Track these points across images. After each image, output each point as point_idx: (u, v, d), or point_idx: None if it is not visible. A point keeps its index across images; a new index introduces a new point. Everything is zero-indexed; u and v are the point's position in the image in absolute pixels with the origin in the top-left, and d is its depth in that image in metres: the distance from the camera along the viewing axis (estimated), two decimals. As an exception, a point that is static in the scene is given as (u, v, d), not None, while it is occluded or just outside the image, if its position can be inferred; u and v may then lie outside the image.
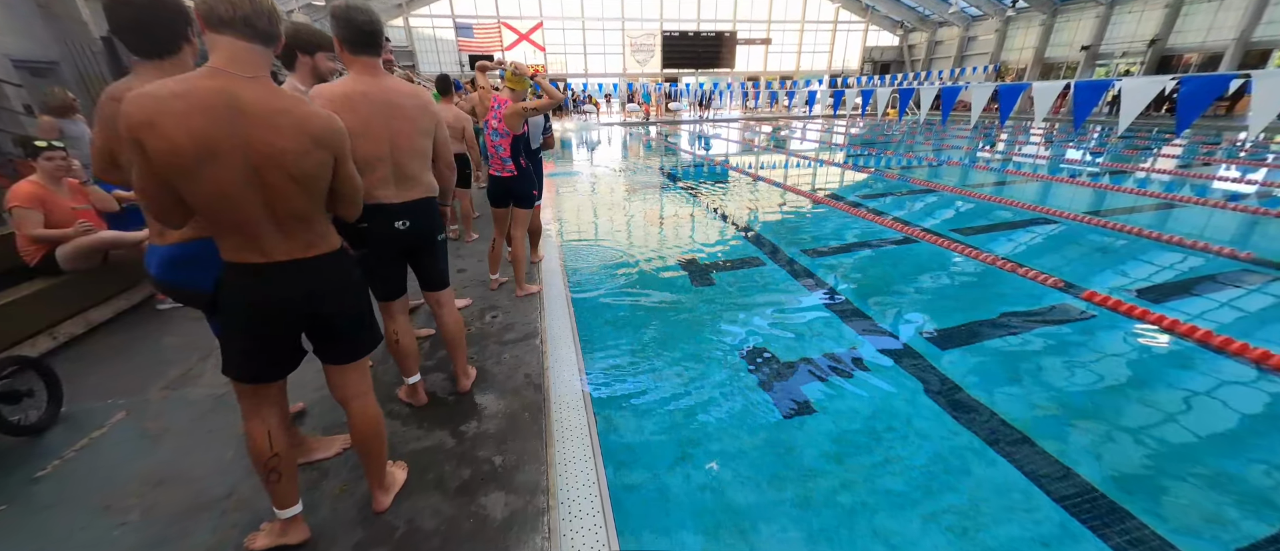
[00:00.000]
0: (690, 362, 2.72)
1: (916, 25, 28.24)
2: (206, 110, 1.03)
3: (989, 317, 3.14)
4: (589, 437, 1.95)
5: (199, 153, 1.03)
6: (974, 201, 6.23)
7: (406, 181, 1.81)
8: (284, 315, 1.26)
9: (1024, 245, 4.55)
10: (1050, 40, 21.79)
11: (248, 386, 1.32)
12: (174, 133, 1.01)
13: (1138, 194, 6.41)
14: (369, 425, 1.49)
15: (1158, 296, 3.39)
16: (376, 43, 1.67)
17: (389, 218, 1.80)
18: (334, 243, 1.32)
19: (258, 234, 1.16)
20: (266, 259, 1.19)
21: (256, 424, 1.34)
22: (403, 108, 1.72)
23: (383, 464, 1.58)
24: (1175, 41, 17.72)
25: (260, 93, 1.09)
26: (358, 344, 1.43)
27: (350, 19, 1.59)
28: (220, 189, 1.08)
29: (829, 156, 10.88)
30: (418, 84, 3.80)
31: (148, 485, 1.75)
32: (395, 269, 1.94)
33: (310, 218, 1.23)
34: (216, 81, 1.06)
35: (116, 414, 2.13)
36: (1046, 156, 9.98)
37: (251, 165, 1.08)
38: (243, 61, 1.09)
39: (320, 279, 1.27)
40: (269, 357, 1.31)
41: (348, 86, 1.65)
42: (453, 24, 24.51)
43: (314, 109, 1.19)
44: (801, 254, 4.41)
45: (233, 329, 1.28)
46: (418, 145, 1.80)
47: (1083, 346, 2.80)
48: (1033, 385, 2.46)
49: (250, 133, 1.07)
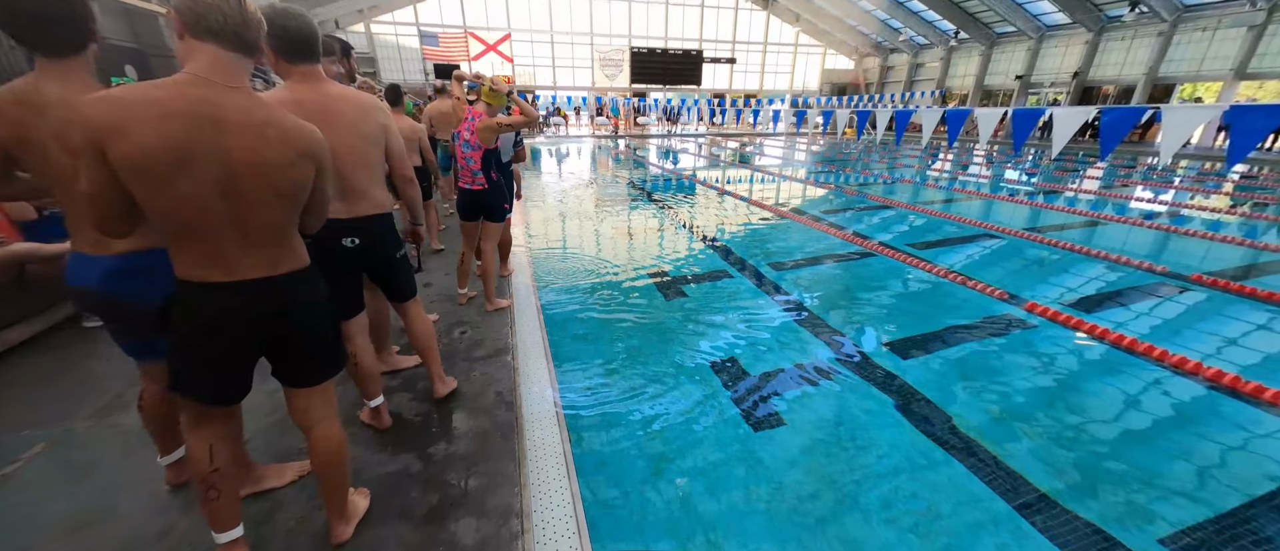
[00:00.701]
0: (662, 376, 2.74)
1: (870, 51, 29.96)
2: (186, 117, 1.00)
3: (943, 328, 3.33)
4: (563, 456, 1.92)
5: (173, 160, 0.99)
6: (926, 217, 6.60)
7: (353, 195, 1.71)
8: (247, 336, 1.20)
9: (972, 259, 4.85)
10: (989, 69, 23.62)
11: (195, 408, 1.26)
12: (148, 139, 0.96)
13: (1068, 212, 6.98)
14: (332, 451, 1.42)
15: (1088, 306, 3.69)
16: (312, 49, 1.57)
17: (335, 234, 1.69)
18: (303, 260, 1.26)
19: (221, 248, 1.10)
20: (229, 276, 1.13)
21: (198, 437, 1.27)
22: (343, 116, 1.63)
23: (344, 492, 1.51)
24: (1095, 74, 19.59)
25: (244, 102, 1.07)
26: (324, 366, 1.37)
27: (282, 26, 1.49)
28: (190, 198, 1.03)
29: (792, 172, 11.29)
30: (377, 92, 3.68)
31: (71, 528, 1.59)
32: (348, 286, 1.83)
33: (282, 232, 1.19)
34: (197, 89, 1.02)
35: (35, 446, 1.92)
36: (988, 176, 10.72)
37: (229, 175, 1.05)
38: (226, 70, 1.06)
39: (289, 297, 1.22)
40: (227, 379, 1.24)
41: (282, 95, 1.56)
42: (417, 32, 24.05)
43: (298, 121, 1.16)
44: (768, 266, 4.53)
45: (187, 349, 1.18)
46: (364, 155, 1.71)
47: (1027, 353, 3.00)
48: (986, 391, 2.62)
49: (232, 142, 1.04)
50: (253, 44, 1.09)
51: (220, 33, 1.03)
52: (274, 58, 1.56)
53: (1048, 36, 20.81)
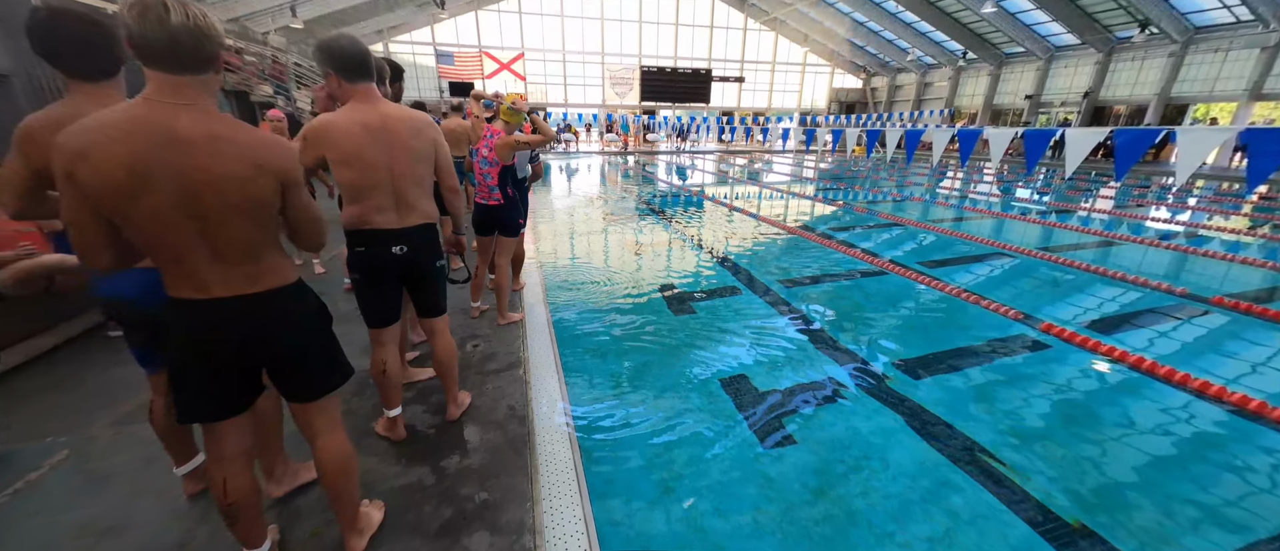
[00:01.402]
0: (671, 392, 2.73)
1: (878, 70, 30.19)
2: (138, 138, 1.00)
3: (956, 347, 3.29)
4: (575, 471, 1.92)
5: (133, 182, 0.99)
6: (937, 235, 6.57)
7: (405, 207, 1.81)
8: (222, 353, 1.18)
9: (985, 278, 4.81)
10: (998, 88, 23.69)
11: (205, 426, 1.26)
12: (106, 162, 0.97)
13: (1083, 231, 6.91)
14: (336, 463, 1.41)
15: (1106, 327, 3.63)
16: (368, 69, 1.69)
17: (386, 243, 1.78)
18: (286, 276, 1.25)
19: (194, 266, 1.10)
20: (204, 294, 1.13)
21: (215, 469, 1.29)
22: (399, 133, 1.73)
23: (354, 505, 1.51)
24: (1106, 94, 19.55)
25: (197, 119, 1.05)
26: (317, 382, 1.35)
27: (338, 49, 1.61)
28: (155, 217, 1.04)
29: (801, 189, 11.32)
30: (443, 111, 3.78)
31: (90, 535, 1.61)
32: (389, 295, 1.91)
33: (257, 249, 1.16)
34: (149, 110, 1.02)
35: (57, 454, 1.96)
36: (1000, 195, 10.67)
37: (188, 192, 1.04)
38: (176, 90, 1.04)
39: (267, 315, 1.20)
40: (211, 397, 1.22)
41: (343, 116, 1.67)
42: (433, 51, 24.69)
43: (261, 135, 1.14)
44: (778, 283, 4.53)
45: (178, 368, 1.19)
46: (416, 170, 1.80)
47: (1043, 375, 2.96)
48: (1001, 412, 2.57)
49: (186, 160, 1.03)
50: (196, 61, 1.04)
51: (157, 58, 1.01)
52: (336, 80, 1.66)
53: (1057, 57, 20.87)
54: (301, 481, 1.79)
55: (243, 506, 1.31)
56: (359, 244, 1.77)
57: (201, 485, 1.73)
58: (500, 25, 25.50)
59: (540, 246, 5.75)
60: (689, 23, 28.15)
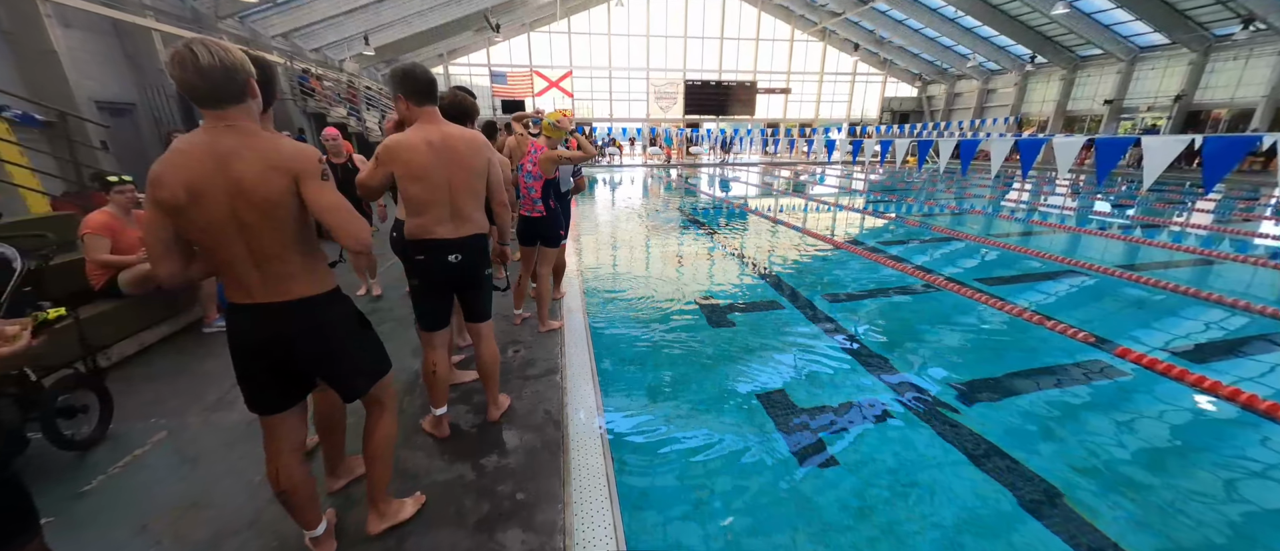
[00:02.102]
0: (707, 404, 2.72)
1: (935, 78, 28.80)
2: (195, 159, 1.17)
3: (1018, 371, 3.06)
4: (606, 478, 1.95)
5: (188, 195, 1.15)
6: (998, 250, 6.15)
7: (461, 219, 1.96)
8: (262, 356, 1.32)
9: (1051, 297, 4.45)
10: (1072, 94, 21.91)
11: (263, 419, 1.41)
12: (172, 183, 1.15)
13: (1171, 248, 6.25)
14: (374, 442, 1.57)
15: (1198, 356, 3.26)
16: (433, 94, 1.88)
17: (443, 252, 1.94)
18: (318, 286, 1.34)
19: (243, 274, 1.25)
20: (251, 299, 1.28)
21: (270, 457, 1.44)
22: (459, 152, 1.89)
23: (381, 486, 1.63)
24: (1202, 97, 17.61)
25: (235, 138, 1.20)
26: (352, 386, 1.48)
27: (411, 76, 1.82)
28: (208, 227, 1.19)
29: (849, 202, 10.95)
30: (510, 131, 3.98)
31: (181, 507, 1.82)
32: (443, 301, 2.08)
33: (284, 256, 1.26)
34: (203, 137, 1.20)
35: (157, 434, 2.23)
36: (1073, 207, 9.84)
37: (231, 203, 1.18)
38: (220, 119, 1.20)
39: (297, 324, 1.31)
40: (264, 393, 1.38)
41: (411, 135, 1.84)
42: (488, 72, 26.10)
43: (279, 141, 1.25)
44: (821, 298, 4.40)
45: (236, 365, 1.36)
46: (472, 185, 1.96)
47: (1119, 406, 2.69)
48: (1069, 445, 2.37)
49: (226, 173, 1.18)
50: (230, 94, 1.18)
51: (201, 98, 1.18)
52: (405, 103, 1.84)
53: (1141, 58, 19.07)
54: (358, 475, 1.92)
55: (294, 493, 1.45)
56: (419, 252, 1.93)
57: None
58: (550, 45, 26.60)
59: (582, 257, 5.90)
60: (734, 36, 28.14)
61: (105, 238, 3.00)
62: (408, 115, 1.88)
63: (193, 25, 11.51)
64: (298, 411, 1.45)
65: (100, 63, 9.40)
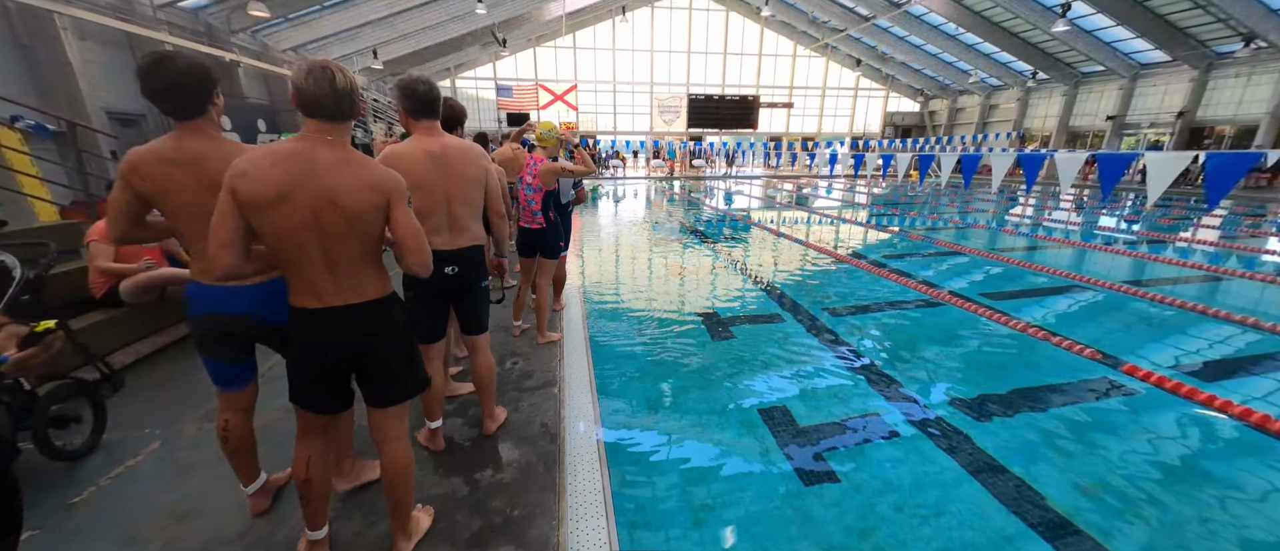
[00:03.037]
0: (707, 419, 2.68)
1: (937, 93, 29.00)
2: (286, 164, 1.25)
3: (1023, 387, 3.01)
4: (603, 494, 1.91)
5: (274, 195, 1.23)
6: (1002, 265, 6.11)
7: (457, 230, 1.96)
8: (330, 355, 1.38)
9: (1057, 313, 4.40)
10: (1074, 110, 21.99)
11: (300, 412, 1.47)
12: (259, 180, 1.23)
13: (1178, 264, 6.19)
14: (399, 469, 1.54)
15: (1208, 374, 3.20)
16: (434, 109, 1.89)
17: (439, 263, 1.91)
18: (384, 290, 1.43)
19: (314, 277, 1.32)
20: (320, 303, 1.34)
21: (302, 448, 1.49)
22: (456, 162, 1.91)
23: (408, 509, 1.61)
24: (1205, 113, 17.65)
25: (333, 152, 1.30)
26: (397, 389, 1.51)
27: (413, 90, 1.85)
28: (287, 229, 1.26)
29: (851, 215, 10.95)
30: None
31: (172, 518, 1.79)
32: (439, 313, 2.07)
33: (361, 264, 1.35)
34: (301, 146, 1.29)
35: (151, 444, 2.21)
36: (1078, 223, 9.80)
37: (315, 209, 1.26)
38: (324, 132, 1.30)
39: (365, 324, 1.39)
40: (321, 392, 1.45)
41: (412, 146, 1.86)
42: (495, 86, 26.48)
43: (378, 166, 1.37)
44: (824, 312, 4.37)
45: (294, 363, 1.42)
46: (469, 196, 1.97)
47: (1127, 425, 2.64)
48: (1077, 464, 2.31)
49: (317, 181, 1.26)
50: (344, 113, 1.31)
51: (317, 110, 1.28)
52: (404, 116, 1.89)
53: (1143, 75, 19.17)
54: (365, 479, 1.92)
55: (316, 484, 1.49)
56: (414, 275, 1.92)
57: (268, 502, 1.83)
58: (556, 60, 27.00)
59: (584, 268, 5.90)
60: (737, 52, 28.50)
61: (109, 246, 3.01)
62: (408, 127, 1.91)
63: (206, 38, 11.76)
64: (338, 416, 1.53)
65: (113, 74, 9.61)
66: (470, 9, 15.80)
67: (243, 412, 1.71)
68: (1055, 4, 16.01)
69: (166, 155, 1.44)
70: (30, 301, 2.12)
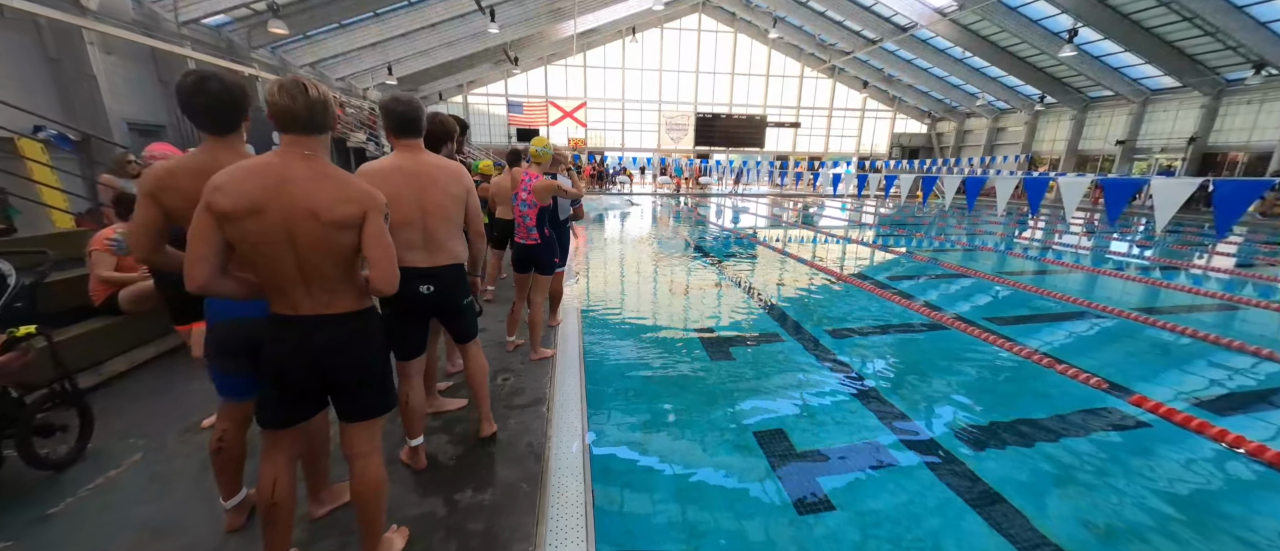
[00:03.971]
0: (701, 441, 2.62)
1: (944, 115, 29.09)
2: (259, 178, 1.26)
3: (1029, 417, 2.92)
4: (585, 519, 1.86)
5: (247, 207, 1.24)
6: (1008, 289, 6.01)
7: (434, 247, 1.95)
8: (297, 363, 1.36)
9: (1064, 339, 4.30)
10: (1083, 133, 21.92)
11: (267, 432, 1.43)
12: (233, 193, 1.24)
13: (1190, 291, 6.05)
14: (368, 487, 1.51)
15: (1221, 407, 3.09)
16: (413, 127, 1.91)
17: (414, 281, 1.91)
18: (359, 304, 1.42)
19: (288, 288, 1.33)
20: (294, 311, 1.34)
21: (267, 468, 1.44)
22: (434, 179, 1.91)
23: (379, 529, 1.57)
24: (1217, 139, 17.50)
25: (308, 165, 1.31)
26: (367, 404, 1.48)
27: (390, 109, 1.89)
28: (262, 241, 1.27)
29: (856, 235, 10.89)
30: (468, 151, 4.16)
31: (146, 533, 1.76)
32: (415, 330, 2.03)
33: (333, 276, 1.36)
34: (275, 158, 1.30)
35: (134, 455, 2.19)
36: (1086, 247, 9.66)
37: (289, 221, 1.27)
38: (299, 145, 1.32)
39: (336, 334, 1.38)
40: (283, 404, 1.41)
41: (388, 162, 1.87)
42: (506, 102, 26.99)
43: (356, 180, 1.39)
44: (825, 333, 4.30)
45: (264, 372, 1.40)
46: (447, 211, 1.96)
47: (1135, 459, 2.54)
48: (1082, 499, 2.22)
49: (291, 193, 1.27)
50: (318, 127, 1.33)
51: (290, 125, 1.30)
52: (388, 133, 1.92)
53: (1153, 100, 19.11)
54: (342, 502, 1.88)
55: (282, 508, 1.44)
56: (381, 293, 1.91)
57: (244, 519, 1.80)
58: (566, 77, 27.51)
59: (588, 284, 5.88)
60: (745, 72, 28.87)
61: (111, 255, 3.05)
62: (391, 144, 1.94)
63: (227, 54, 12.13)
64: (303, 428, 1.49)
65: (135, 87, 9.90)
66: (484, 28, 16.19)
67: (240, 424, 1.71)
68: (1062, 30, 16.12)
69: (200, 169, 1.44)
70: (24, 308, 2.13)
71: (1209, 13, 13.47)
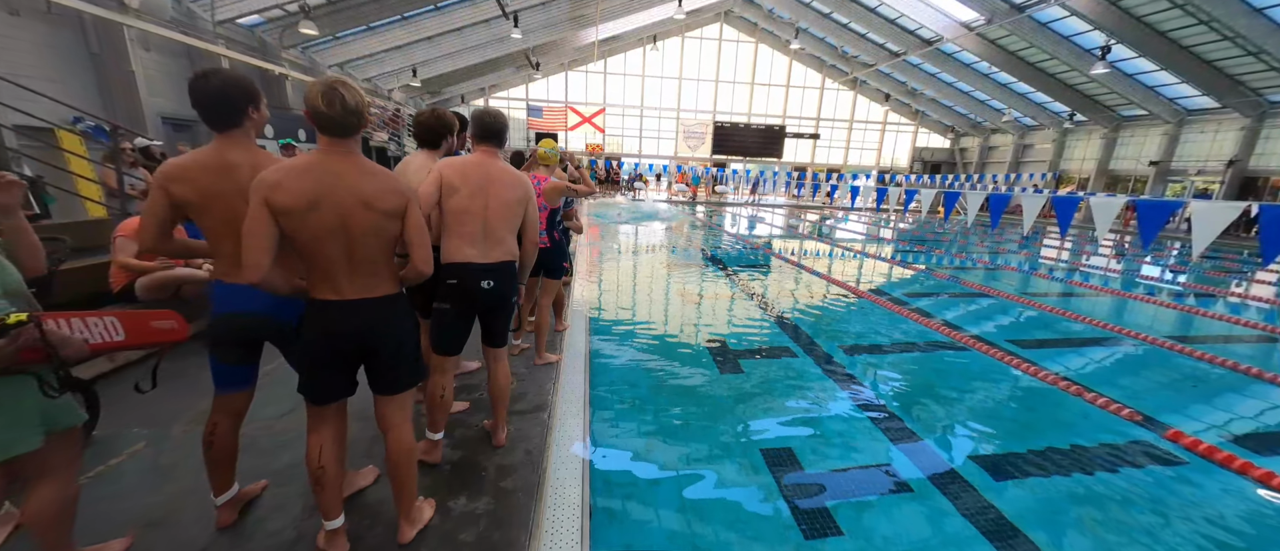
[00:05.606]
0: (706, 457, 2.54)
1: (968, 130, 28.51)
2: (314, 175, 1.40)
3: (1053, 447, 2.77)
4: (581, 533, 1.79)
5: (307, 203, 1.37)
6: (1033, 311, 5.79)
7: (493, 242, 2.07)
8: (344, 343, 1.50)
9: (1092, 365, 4.10)
10: (1114, 153, 21.22)
11: (314, 408, 1.56)
12: (293, 190, 1.36)
13: (1229, 320, 5.74)
14: (403, 452, 1.65)
15: (1264, 446, 2.89)
16: (497, 138, 2.16)
17: (475, 276, 2.02)
18: (394, 287, 1.57)
19: (336, 274, 1.46)
20: (339, 296, 1.47)
21: (314, 439, 1.57)
22: (502, 181, 2.10)
23: (412, 494, 1.71)
24: (1258, 163, 16.77)
25: (352, 163, 1.46)
26: (403, 378, 1.63)
27: (480, 120, 2.16)
28: (319, 233, 1.41)
29: (874, 250, 10.67)
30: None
31: (141, 524, 1.75)
32: (464, 326, 2.13)
33: (378, 263, 1.51)
34: (322, 159, 1.43)
35: (137, 444, 2.20)
36: (1117, 270, 9.30)
37: (342, 213, 1.41)
38: (338, 145, 1.45)
39: (377, 315, 1.52)
40: (330, 381, 1.55)
41: (466, 158, 2.10)
42: (526, 106, 27.33)
43: (395, 175, 1.54)
44: (839, 350, 4.18)
45: (308, 353, 1.53)
46: (509, 211, 2.12)
47: (1167, 498, 2.37)
48: (1110, 539, 2.08)
49: (344, 189, 1.41)
50: (354, 129, 1.45)
51: (329, 128, 1.42)
52: (472, 137, 2.16)
53: (1189, 121, 18.42)
54: (357, 487, 1.95)
55: (330, 472, 1.57)
56: (451, 275, 2.02)
57: (235, 515, 1.80)
58: (586, 83, 27.74)
59: (599, 290, 5.84)
60: (764, 82, 28.75)
61: (133, 242, 3.11)
62: (474, 146, 2.17)
63: (259, 53, 12.50)
64: (343, 405, 1.63)
65: (172, 82, 10.26)
66: (507, 33, 16.43)
67: (234, 417, 1.72)
68: (1094, 47, 15.68)
69: (208, 163, 1.52)
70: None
71: (1253, 32, 12.96)
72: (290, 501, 1.87)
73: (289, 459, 2.12)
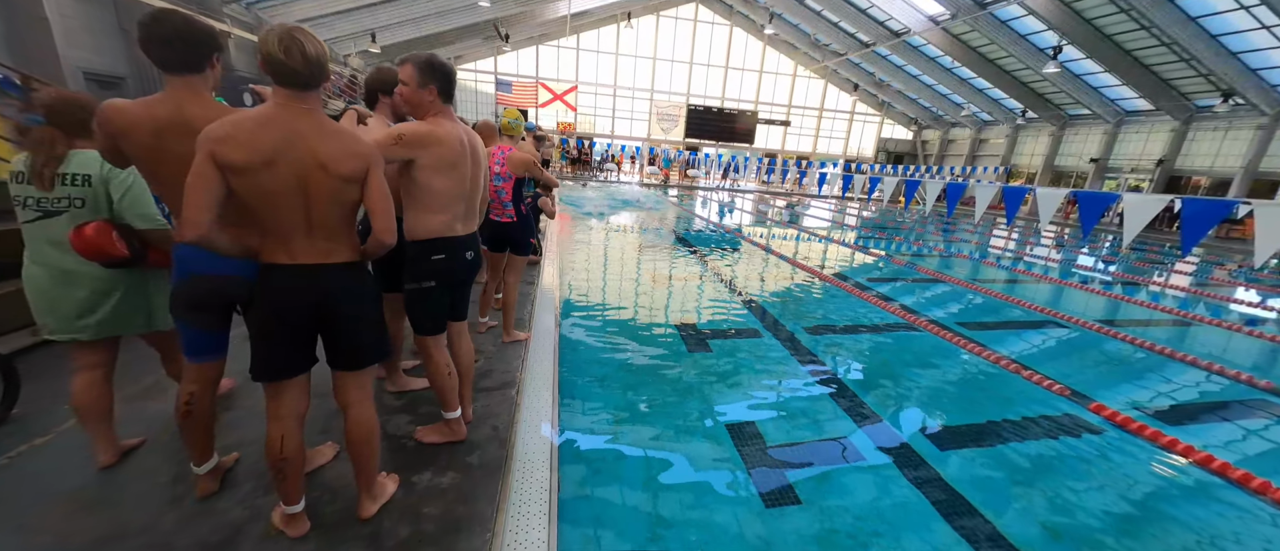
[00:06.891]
0: (673, 431, 2.59)
1: (930, 123, 29.58)
2: (270, 130, 1.29)
3: (993, 420, 2.98)
4: (548, 507, 1.80)
5: (262, 160, 1.26)
6: (981, 296, 6.15)
7: (471, 217, 2.00)
8: (299, 308, 1.40)
9: (1031, 348, 4.41)
10: (1060, 149, 22.58)
11: (270, 386, 1.46)
12: (246, 145, 1.25)
13: (1150, 307, 6.29)
14: (361, 431, 1.58)
15: (1171, 418, 3.21)
16: (452, 93, 1.91)
17: (461, 249, 1.92)
18: (353, 255, 1.47)
19: (290, 237, 1.36)
20: (292, 260, 1.37)
21: (275, 428, 1.47)
22: (479, 151, 1.97)
23: (373, 471, 1.65)
24: (1183, 163, 18.22)
25: (311, 120, 1.35)
26: (363, 352, 1.54)
27: (449, 73, 1.85)
28: (273, 191, 1.29)
29: (838, 236, 11.00)
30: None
31: (73, 506, 1.64)
32: (462, 297, 2.08)
33: (337, 227, 1.42)
34: (277, 113, 1.32)
35: (65, 422, 2.04)
36: (1057, 259, 9.97)
37: (301, 173, 1.31)
38: (298, 99, 1.34)
39: (333, 282, 1.43)
40: (285, 355, 1.44)
41: (447, 127, 1.80)
42: (494, 79, 26.30)
43: (359, 136, 1.44)
44: (803, 330, 4.32)
45: (259, 323, 1.41)
46: (481, 184, 2.04)
47: (1092, 464, 2.61)
48: (1040, 501, 2.28)
49: (302, 147, 1.31)
50: (315, 82, 1.34)
51: (287, 79, 1.31)
52: (433, 93, 1.79)
53: (1127, 121, 19.78)
54: (314, 465, 1.88)
55: (292, 462, 1.49)
56: (438, 251, 1.85)
57: (216, 486, 1.74)
58: (557, 59, 26.93)
59: (566, 270, 5.78)
60: (738, 67, 28.76)
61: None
62: (428, 108, 1.80)
63: (195, 6, 11.45)
64: (304, 379, 1.51)
65: (92, 33, 9.26)
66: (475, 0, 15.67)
67: (210, 385, 1.64)
68: (1048, 46, 16.48)
69: (159, 115, 1.40)
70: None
71: (1185, 38, 13.92)
72: (242, 479, 1.80)
73: (241, 436, 2.02)
